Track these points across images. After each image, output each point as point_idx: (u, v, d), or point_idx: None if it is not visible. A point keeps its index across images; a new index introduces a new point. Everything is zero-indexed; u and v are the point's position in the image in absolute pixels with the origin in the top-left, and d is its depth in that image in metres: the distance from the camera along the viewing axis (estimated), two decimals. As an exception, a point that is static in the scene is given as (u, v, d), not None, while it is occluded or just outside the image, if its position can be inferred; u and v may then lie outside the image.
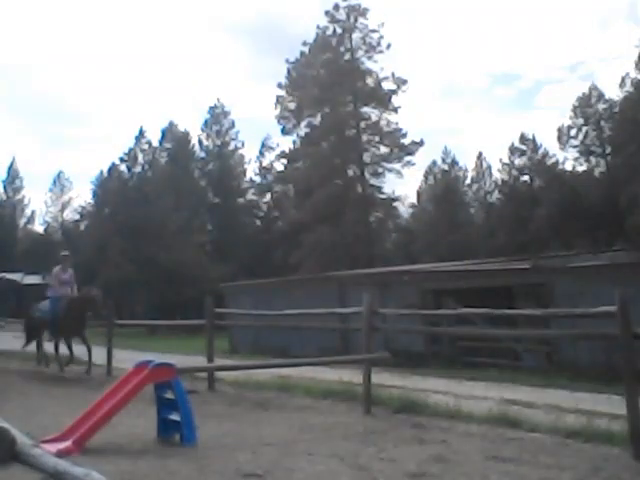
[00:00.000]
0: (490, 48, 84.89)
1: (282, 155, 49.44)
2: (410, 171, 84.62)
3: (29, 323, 12.42)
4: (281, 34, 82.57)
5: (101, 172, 48.09)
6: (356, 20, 46.18)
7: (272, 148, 52.23)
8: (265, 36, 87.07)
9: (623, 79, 43.91)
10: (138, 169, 45.56)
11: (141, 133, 46.84)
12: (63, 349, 11.62)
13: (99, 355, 12.08)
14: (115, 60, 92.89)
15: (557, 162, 47.38)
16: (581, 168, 46.22)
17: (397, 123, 46.05)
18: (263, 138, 54.74)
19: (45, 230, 63.18)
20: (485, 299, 9.89)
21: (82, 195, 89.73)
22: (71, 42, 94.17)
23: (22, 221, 63.74)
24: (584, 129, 45.68)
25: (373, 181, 46.50)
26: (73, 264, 12.53)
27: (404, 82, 45.81)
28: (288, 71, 47.46)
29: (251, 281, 27.54)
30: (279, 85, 47.65)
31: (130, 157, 45.36)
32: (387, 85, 45.98)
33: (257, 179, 53.47)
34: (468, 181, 53.92)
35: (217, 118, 52.43)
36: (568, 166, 46.83)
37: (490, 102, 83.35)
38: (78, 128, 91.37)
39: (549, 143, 75.01)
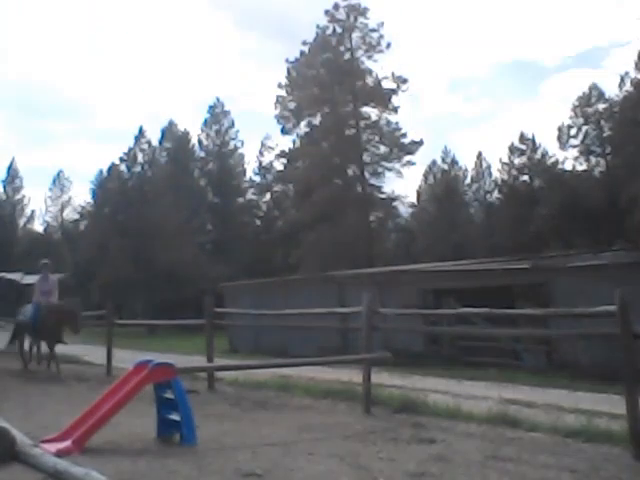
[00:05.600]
0: (490, 45, 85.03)
1: (282, 155, 49.43)
2: (410, 171, 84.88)
3: (15, 325, 12.55)
4: (282, 31, 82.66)
5: (101, 172, 48.11)
6: (356, 19, 46.17)
7: (272, 148, 52.27)
8: (266, 33, 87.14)
9: (623, 79, 43.95)
10: (138, 169, 45.50)
11: (141, 133, 46.82)
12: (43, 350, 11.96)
13: (99, 355, 12.09)
14: (115, 58, 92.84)
15: (557, 162, 47.40)
16: (581, 168, 46.23)
17: (397, 123, 46.11)
18: (263, 138, 54.79)
19: (45, 230, 63.19)
20: (485, 299, 9.89)
21: (82, 195, 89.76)
22: (73, 42, 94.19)
23: (22, 221, 63.75)
24: (584, 129, 45.66)
25: (373, 181, 46.50)
26: (54, 269, 12.64)
27: (404, 81, 45.86)
28: (288, 71, 47.49)
29: (251, 281, 27.54)
30: (279, 85, 47.69)
31: (130, 157, 45.31)
32: (387, 84, 46.04)
33: (257, 179, 53.50)
34: (468, 181, 53.92)
35: (217, 117, 52.42)
36: (568, 166, 46.86)
37: (490, 101, 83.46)
38: (78, 128, 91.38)
39: (549, 142, 75.24)
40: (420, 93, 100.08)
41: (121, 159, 45.38)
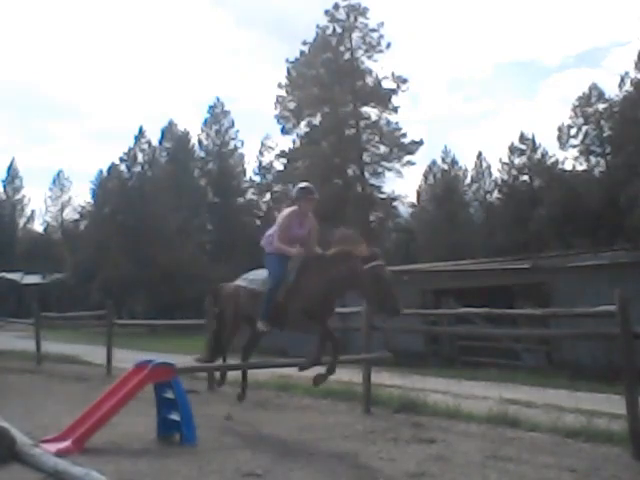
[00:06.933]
0: (489, 45, 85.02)
1: (282, 155, 49.41)
2: (410, 171, 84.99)
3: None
4: (282, 31, 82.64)
5: (101, 172, 48.11)
6: (356, 19, 46.17)
7: (272, 148, 52.27)
8: (266, 33, 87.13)
9: (623, 79, 43.93)
10: (138, 169, 45.46)
11: (141, 133, 46.76)
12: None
13: (99, 355, 12.07)
14: (115, 58, 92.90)
15: (557, 162, 47.38)
16: (581, 168, 46.20)
17: (397, 123, 46.11)
18: (263, 138, 54.77)
19: (45, 230, 63.21)
20: (485, 299, 9.89)
21: (82, 195, 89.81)
22: (73, 42, 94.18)
23: (22, 221, 63.79)
24: (584, 129, 45.63)
25: (373, 180, 46.51)
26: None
27: (404, 81, 45.87)
28: (288, 70, 47.49)
29: (251, 281, 27.48)
30: (279, 85, 47.70)
31: (130, 157, 45.26)
32: (387, 84, 46.05)
33: (257, 179, 53.50)
34: (468, 181, 53.93)
35: (217, 117, 52.40)
36: (568, 166, 46.84)
37: (490, 101, 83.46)
38: (78, 128, 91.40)
39: (549, 142, 75.29)
40: (420, 93, 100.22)
41: (121, 159, 45.35)
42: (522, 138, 48.76)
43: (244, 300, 6.41)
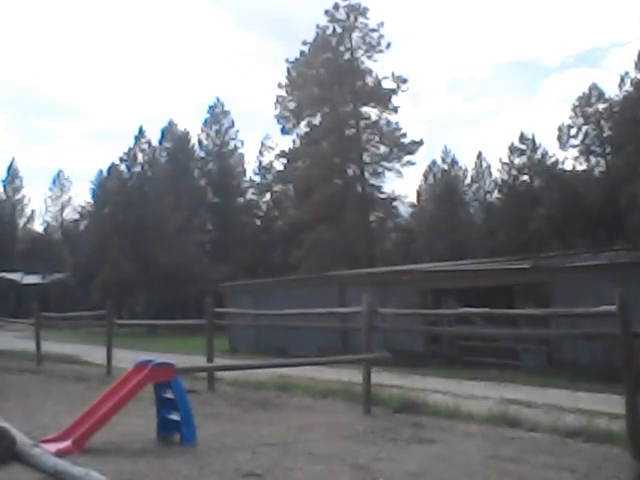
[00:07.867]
0: (490, 45, 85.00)
1: (282, 155, 49.42)
2: (410, 171, 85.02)
3: None
4: (282, 31, 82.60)
5: (101, 172, 48.08)
6: (356, 19, 46.16)
7: (272, 148, 52.27)
8: (266, 32, 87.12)
9: (623, 79, 43.93)
10: (138, 169, 45.40)
11: (141, 133, 46.67)
12: None
13: (99, 355, 12.06)
14: (116, 58, 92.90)
15: (557, 162, 47.37)
16: (581, 168, 46.19)
17: (397, 123, 46.11)
18: (263, 138, 54.78)
19: (45, 230, 63.21)
20: (485, 299, 9.89)
21: (82, 195, 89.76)
22: (73, 42, 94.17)
23: (22, 221, 63.79)
24: (584, 129, 45.62)
25: (373, 181, 46.51)
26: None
27: (404, 81, 45.86)
28: (288, 71, 47.49)
29: (251, 281, 27.55)
30: (279, 85, 47.70)
31: (130, 157, 45.18)
32: (387, 84, 46.04)
33: (257, 179, 53.50)
34: (468, 181, 53.91)
35: (217, 117, 52.39)
36: (568, 166, 46.82)
37: (490, 101, 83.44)
38: (78, 128, 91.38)
39: (549, 142, 75.27)
40: (420, 93, 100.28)
41: (121, 159, 45.27)
42: (522, 138, 48.74)
43: None
